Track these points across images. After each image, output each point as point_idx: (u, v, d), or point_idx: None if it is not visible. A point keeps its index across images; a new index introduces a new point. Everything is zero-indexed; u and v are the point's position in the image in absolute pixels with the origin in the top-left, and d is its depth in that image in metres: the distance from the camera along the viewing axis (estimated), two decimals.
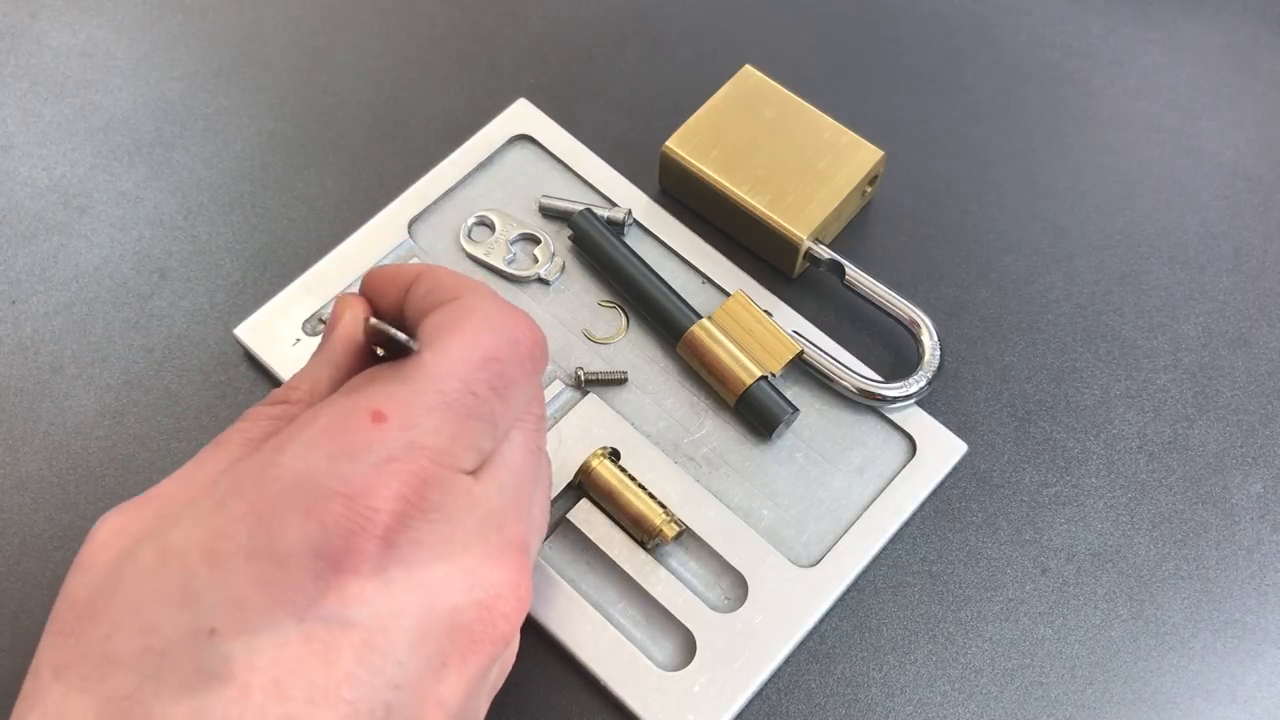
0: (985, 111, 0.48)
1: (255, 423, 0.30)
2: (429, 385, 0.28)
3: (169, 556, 0.26)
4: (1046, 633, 0.38)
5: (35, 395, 0.41)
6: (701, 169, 0.43)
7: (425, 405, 0.27)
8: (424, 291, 0.31)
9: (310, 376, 0.31)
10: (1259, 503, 0.40)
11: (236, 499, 0.26)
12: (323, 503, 0.26)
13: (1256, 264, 0.44)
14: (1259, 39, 0.50)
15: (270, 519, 0.26)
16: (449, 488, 0.27)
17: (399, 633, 0.26)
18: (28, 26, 0.49)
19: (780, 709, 0.37)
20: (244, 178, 0.45)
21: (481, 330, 0.29)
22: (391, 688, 0.26)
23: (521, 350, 0.29)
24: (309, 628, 0.25)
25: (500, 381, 0.29)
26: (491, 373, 0.29)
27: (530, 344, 0.30)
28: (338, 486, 0.26)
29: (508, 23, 0.49)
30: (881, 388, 0.40)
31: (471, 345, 0.28)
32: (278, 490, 0.26)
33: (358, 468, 0.26)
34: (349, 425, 0.27)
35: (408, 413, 0.27)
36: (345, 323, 0.32)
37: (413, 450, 0.27)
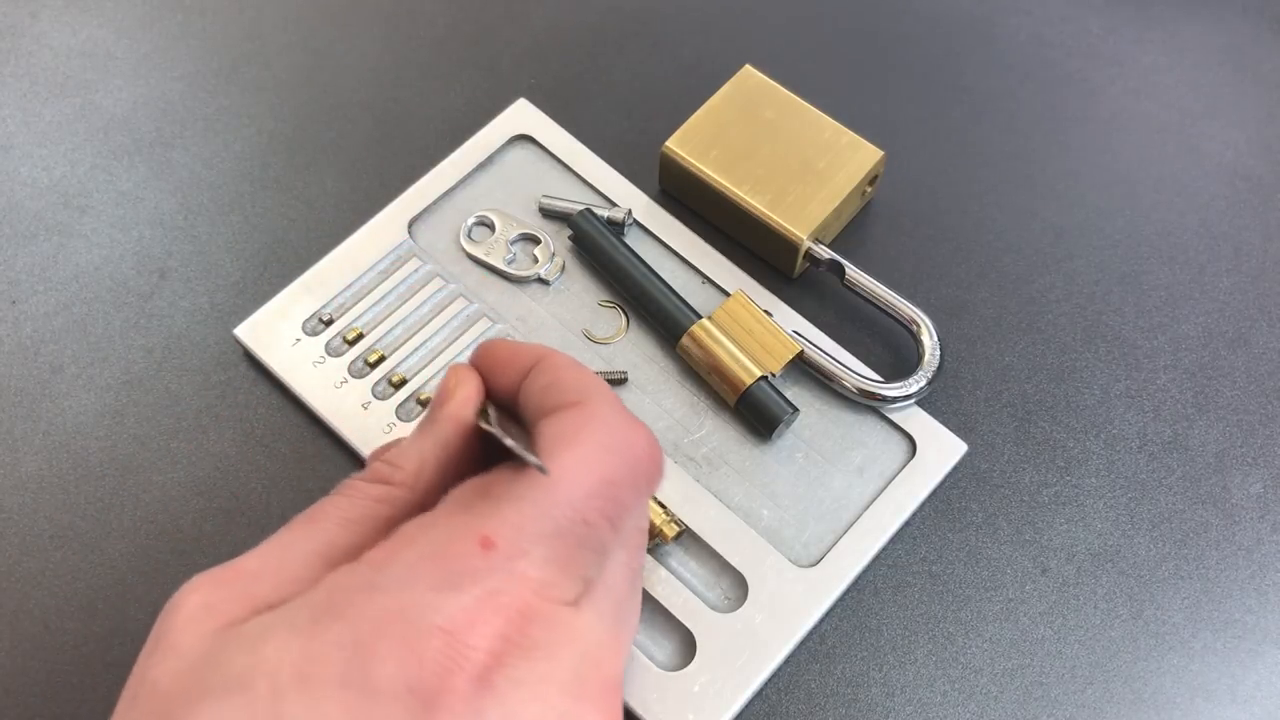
0: (985, 111, 0.48)
1: (354, 501, 0.29)
2: (543, 511, 0.26)
3: (259, 673, 0.24)
4: (1046, 633, 0.38)
5: (35, 395, 0.41)
6: (701, 169, 0.43)
7: (537, 532, 0.26)
8: (543, 385, 0.30)
9: (416, 456, 0.30)
10: (1259, 503, 0.40)
11: (331, 620, 0.25)
12: (423, 637, 0.25)
13: (1256, 264, 0.44)
14: (1259, 39, 0.50)
15: (367, 648, 0.24)
16: (550, 623, 0.26)
17: None
18: (28, 26, 0.49)
19: (780, 709, 0.37)
20: (244, 178, 0.45)
21: (602, 449, 0.27)
22: None
23: (639, 472, 0.28)
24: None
25: (615, 509, 0.27)
26: (607, 499, 0.27)
27: (650, 463, 0.29)
28: (440, 621, 0.25)
29: (508, 23, 0.49)
30: (881, 388, 0.40)
31: (591, 467, 0.27)
32: (376, 616, 0.25)
33: (461, 601, 0.25)
34: (455, 550, 0.26)
35: (518, 540, 0.26)
36: (458, 403, 0.30)
37: (518, 582, 0.26)
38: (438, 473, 0.30)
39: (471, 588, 0.25)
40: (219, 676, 0.25)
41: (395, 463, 0.30)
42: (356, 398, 0.40)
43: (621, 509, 0.28)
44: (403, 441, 0.31)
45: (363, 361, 0.41)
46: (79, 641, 0.37)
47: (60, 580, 0.38)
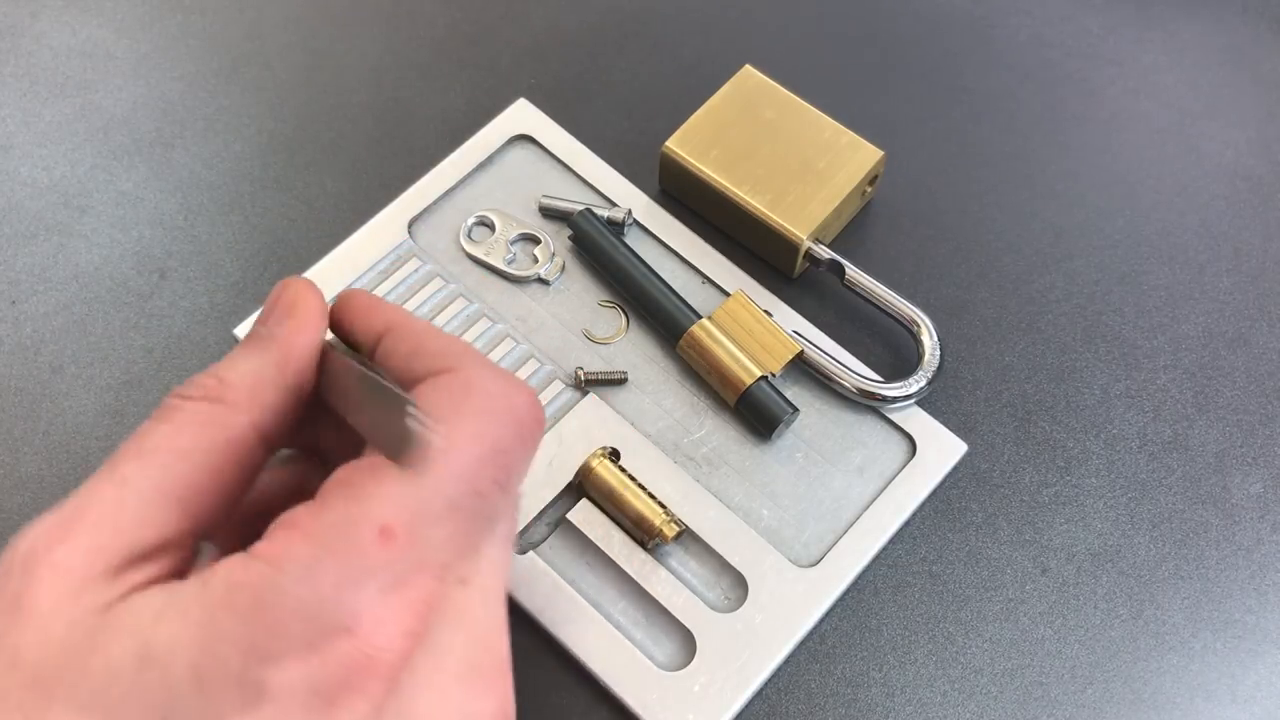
0: (985, 111, 0.48)
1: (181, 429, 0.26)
2: (437, 489, 0.25)
3: (150, 664, 0.23)
4: (1046, 633, 0.38)
5: (35, 395, 0.41)
6: (701, 169, 0.43)
7: (434, 515, 0.25)
8: (407, 351, 0.28)
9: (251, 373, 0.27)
10: (1259, 503, 0.40)
11: (228, 616, 0.24)
12: (328, 639, 0.24)
13: (1256, 264, 0.44)
14: (1259, 39, 0.50)
15: (267, 650, 0.24)
16: (446, 609, 0.26)
17: None
18: (28, 26, 0.49)
19: (780, 709, 0.37)
20: (244, 178, 0.45)
21: (487, 416, 0.27)
22: None
23: (525, 433, 0.27)
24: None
25: (505, 475, 0.27)
26: (498, 466, 0.27)
27: (533, 422, 0.28)
28: (345, 620, 0.24)
29: (508, 23, 0.49)
30: (881, 388, 0.40)
31: (478, 436, 0.26)
32: (277, 618, 0.24)
33: (364, 597, 0.24)
34: (354, 545, 0.25)
35: (416, 525, 0.25)
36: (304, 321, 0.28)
37: (420, 570, 0.25)
38: (275, 394, 0.27)
39: (373, 583, 0.25)
40: (101, 660, 0.23)
41: (223, 377, 0.27)
42: None
43: (510, 474, 0.27)
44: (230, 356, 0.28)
45: None
46: None
47: None
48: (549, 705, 0.36)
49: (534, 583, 0.37)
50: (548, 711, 0.36)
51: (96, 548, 0.25)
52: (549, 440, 0.39)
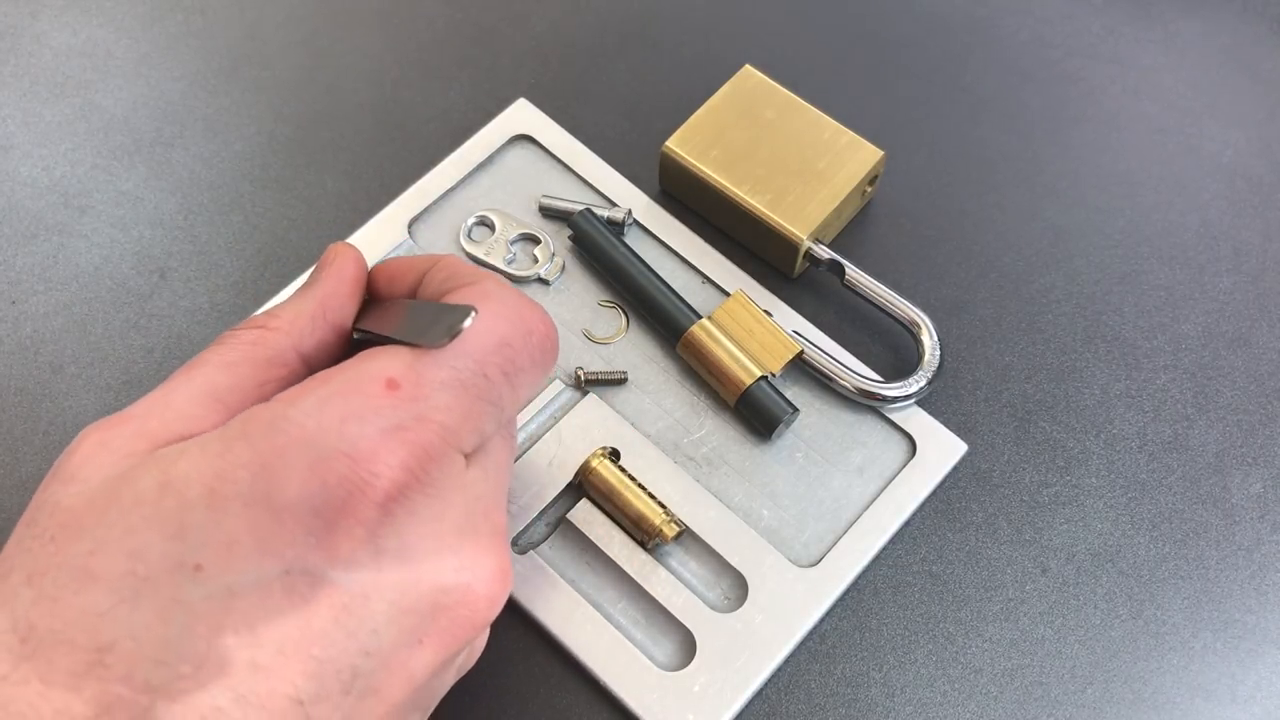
0: (985, 111, 0.48)
1: (232, 347, 0.30)
2: (444, 360, 0.28)
3: (169, 489, 0.26)
4: (1046, 633, 0.38)
5: (35, 395, 0.41)
6: (701, 169, 0.43)
7: (439, 380, 0.28)
8: (442, 278, 0.31)
9: (293, 309, 0.31)
10: (1259, 503, 0.40)
11: (243, 444, 0.26)
12: (327, 461, 0.26)
13: (1256, 264, 0.44)
14: (1259, 39, 0.50)
15: (274, 469, 0.26)
16: (449, 466, 0.28)
17: (381, 602, 0.27)
18: (28, 26, 0.49)
19: (780, 709, 0.37)
20: (244, 178, 0.45)
21: (499, 315, 0.29)
22: (362, 654, 0.26)
23: (534, 340, 0.30)
24: (293, 580, 0.26)
25: (512, 367, 0.29)
26: (505, 357, 0.29)
27: (543, 335, 0.30)
28: (344, 447, 0.26)
29: (508, 23, 0.49)
30: (881, 388, 0.40)
31: (488, 328, 0.29)
32: (285, 443, 0.26)
33: (366, 431, 0.26)
34: (362, 389, 0.27)
35: (421, 384, 0.27)
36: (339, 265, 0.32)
37: (422, 422, 0.27)
38: (313, 326, 0.31)
39: (376, 420, 0.27)
40: (129, 491, 0.26)
41: (271, 313, 0.31)
42: None
43: (517, 368, 0.29)
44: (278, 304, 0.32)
45: None
46: None
47: None
48: (549, 705, 0.36)
49: (534, 583, 0.37)
50: (548, 711, 0.36)
51: (143, 432, 0.28)
52: (549, 440, 0.39)
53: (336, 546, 0.26)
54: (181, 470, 0.26)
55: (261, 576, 0.25)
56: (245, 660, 0.25)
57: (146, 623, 0.25)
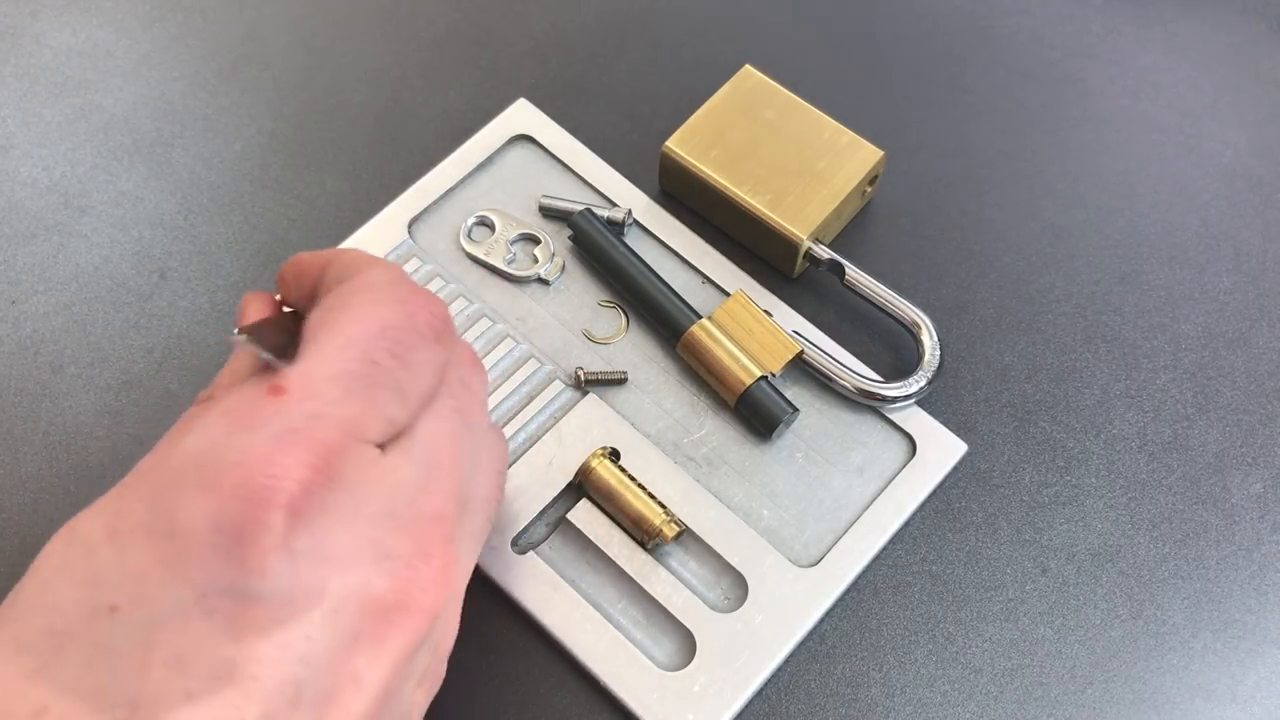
0: (985, 111, 0.48)
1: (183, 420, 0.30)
2: (329, 356, 0.27)
3: (75, 539, 0.26)
4: (1046, 633, 0.38)
5: (35, 395, 0.41)
6: (701, 169, 0.43)
7: (326, 375, 0.27)
8: (336, 272, 0.31)
9: (229, 372, 0.32)
10: (1259, 503, 0.40)
11: (137, 480, 0.26)
12: (219, 474, 0.25)
13: (1256, 264, 0.44)
14: (1259, 39, 0.50)
15: (168, 495, 0.25)
16: (357, 458, 0.27)
17: (305, 606, 0.26)
18: (28, 26, 0.49)
19: (780, 709, 0.37)
20: (244, 178, 0.45)
21: (375, 303, 0.29)
22: (299, 663, 0.25)
23: (419, 320, 0.29)
24: (211, 602, 0.25)
25: (401, 349, 0.28)
26: (391, 340, 0.28)
27: (428, 315, 0.30)
28: (234, 457, 0.25)
29: (508, 23, 0.49)
30: (881, 388, 0.40)
31: (365, 317, 0.28)
32: (178, 467, 0.26)
33: (256, 439, 0.26)
34: (247, 402, 0.27)
35: (307, 384, 0.27)
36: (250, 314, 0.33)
37: (316, 420, 0.26)
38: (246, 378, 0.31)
39: (266, 427, 0.26)
40: (41, 556, 0.26)
41: (215, 382, 0.32)
42: None
43: (407, 349, 0.29)
44: None
45: None
46: None
47: None
48: (549, 705, 0.36)
49: (534, 583, 0.37)
50: (548, 711, 0.36)
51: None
52: (549, 440, 0.39)
53: (247, 559, 0.25)
54: (85, 520, 0.26)
55: (179, 604, 0.25)
56: (179, 692, 0.24)
57: (74, 676, 0.24)
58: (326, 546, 0.26)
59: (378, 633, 0.27)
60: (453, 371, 0.31)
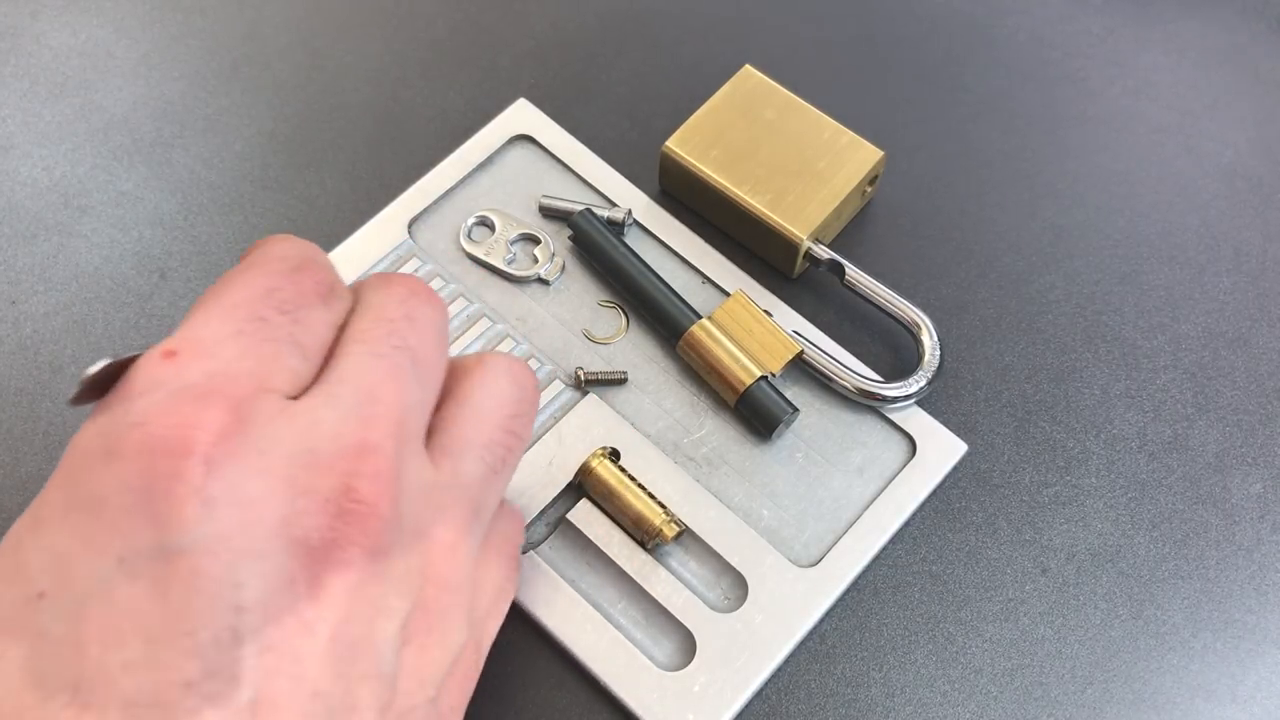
0: (985, 111, 0.48)
1: None
2: (216, 317, 0.27)
3: (7, 539, 0.26)
4: (1046, 633, 0.38)
5: (35, 395, 0.41)
6: (701, 169, 0.43)
7: (214, 338, 0.27)
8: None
9: None
10: (1259, 503, 0.40)
11: (55, 475, 0.26)
12: (120, 439, 0.25)
13: (1256, 264, 0.44)
14: (1259, 39, 0.50)
15: (78, 471, 0.25)
16: (264, 405, 0.26)
17: (227, 553, 0.24)
18: (28, 26, 0.49)
19: (780, 709, 0.37)
20: (244, 178, 0.45)
21: (255, 266, 0.29)
22: (233, 611, 0.24)
23: (300, 273, 0.29)
24: (132, 566, 0.24)
25: (286, 306, 0.28)
26: (276, 299, 0.28)
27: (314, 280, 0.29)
28: (134, 419, 0.25)
29: (508, 23, 0.49)
30: (881, 388, 0.40)
31: (241, 282, 0.28)
32: (84, 445, 0.26)
33: (155, 398, 0.25)
34: (142, 369, 0.26)
35: (200, 345, 0.27)
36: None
37: (213, 375, 0.26)
38: None
39: (161, 388, 0.26)
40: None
41: None
42: None
43: (294, 305, 0.28)
44: None
45: None
46: None
47: None
48: (549, 705, 0.36)
49: (534, 583, 0.37)
50: (548, 711, 0.36)
51: None
52: (549, 440, 0.39)
53: (162, 515, 0.24)
54: (14, 529, 0.26)
55: (102, 576, 0.24)
56: (118, 664, 0.24)
57: (16, 669, 0.24)
58: (242, 490, 0.25)
59: (312, 573, 0.26)
60: (393, 308, 0.30)
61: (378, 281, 0.31)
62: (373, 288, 0.31)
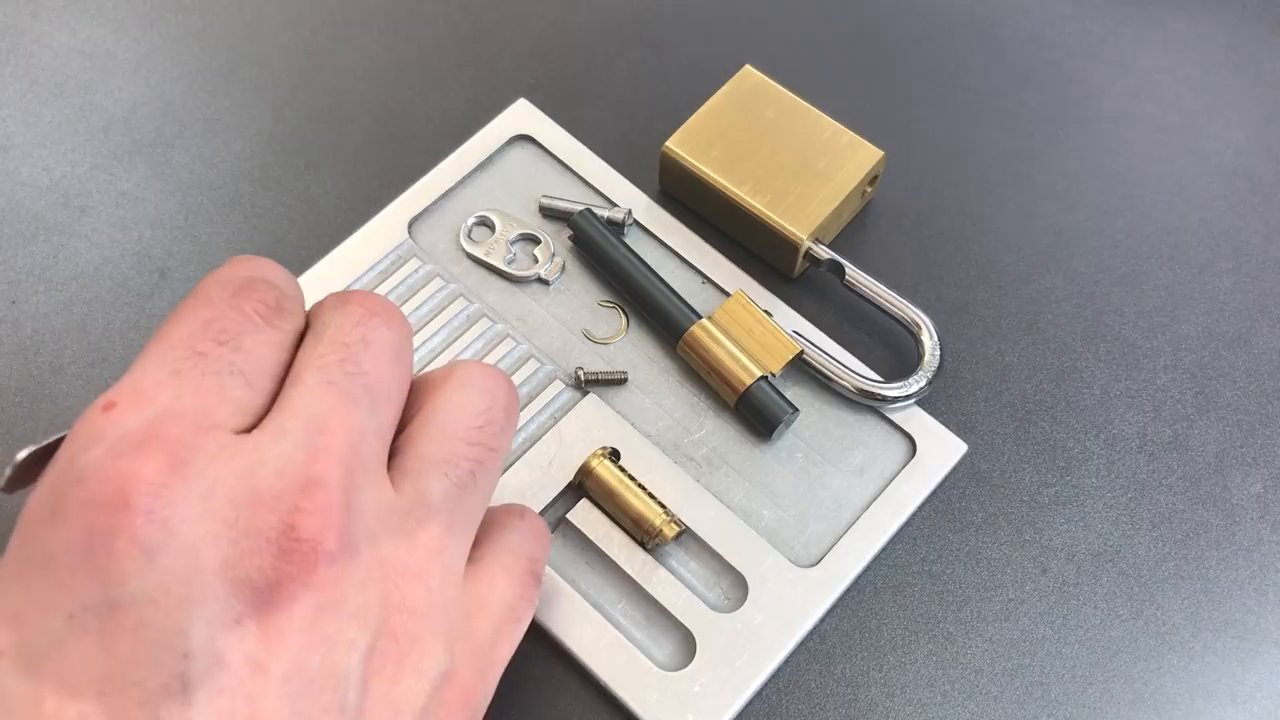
0: (985, 111, 0.48)
1: None
2: (152, 361, 0.27)
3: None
4: (1046, 633, 0.38)
5: (35, 395, 0.41)
6: (701, 169, 0.43)
7: (154, 381, 0.27)
8: None
9: None
10: (1259, 503, 0.40)
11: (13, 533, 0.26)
12: (64, 497, 0.25)
13: (1256, 264, 0.44)
14: (1259, 39, 0.50)
15: (28, 532, 0.25)
16: (205, 445, 0.26)
17: (170, 600, 0.25)
18: (28, 26, 0.49)
19: (780, 709, 0.37)
20: (244, 178, 0.45)
21: (187, 307, 0.28)
22: (180, 658, 0.24)
23: (244, 308, 0.29)
24: (81, 621, 0.24)
25: (224, 336, 0.28)
26: (214, 330, 0.28)
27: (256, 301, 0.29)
28: (74, 476, 0.25)
29: (508, 23, 0.49)
30: (881, 388, 0.40)
31: (179, 319, 0.28)
32: (34, 506, 0.26)
33: (93, 454, 0.25)
34: (82, 425, 0.26)
35: (137, 391, 0.26)
36: None
37: (152, 422, 0.26)
38: None
39: (101, 441, 0.26)
40: None
41: None
42: None
43: (231, 335, 0.28)
44: None
45: None
46: None
47: None
48: (549, 705, 0.36)
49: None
50: (548, 711, 0.36)
51: None
52: (549, 440, 0.39)
53: (105, 569, 0.24)
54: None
55: (53, 633, 0.24)
56: (73, 716, 0.24)
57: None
58: (183, 536, 0.25)
59: (259, 613, 0.26)
60: (349, 330, 0.29)
61: (334, 301, 0.31)
62: (330, 308, 0.30)
